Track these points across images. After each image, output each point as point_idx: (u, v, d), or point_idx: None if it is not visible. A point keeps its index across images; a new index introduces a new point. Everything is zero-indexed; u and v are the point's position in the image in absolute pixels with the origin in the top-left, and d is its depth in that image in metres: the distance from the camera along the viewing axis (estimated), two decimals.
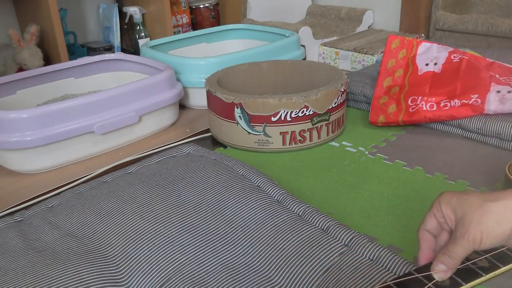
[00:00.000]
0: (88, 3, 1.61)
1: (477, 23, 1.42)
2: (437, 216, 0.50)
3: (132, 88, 0.95)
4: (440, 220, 0.50)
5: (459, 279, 0.46)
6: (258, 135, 0.89)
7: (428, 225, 0.51)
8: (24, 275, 0.55)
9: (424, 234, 0.51)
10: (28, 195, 0.81)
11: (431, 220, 0.51)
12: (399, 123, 0.96)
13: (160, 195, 0.69)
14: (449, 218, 0.49)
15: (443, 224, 0.50)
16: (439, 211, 0.50)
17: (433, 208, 0.51)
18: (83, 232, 0.64)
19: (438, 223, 0.51)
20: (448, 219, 0.49)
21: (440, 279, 0.46)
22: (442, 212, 0.50)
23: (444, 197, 0.50)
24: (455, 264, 0.46)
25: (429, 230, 0.51)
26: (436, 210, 0.50)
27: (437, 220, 0.51)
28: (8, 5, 1.41)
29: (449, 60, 0.95)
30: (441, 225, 0.51)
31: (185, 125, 1.08)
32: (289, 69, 1.09)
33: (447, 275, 0.46)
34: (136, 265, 0.56)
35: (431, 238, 0.51)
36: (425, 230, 0.51)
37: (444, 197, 0.50)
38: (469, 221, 0.47)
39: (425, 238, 0.51)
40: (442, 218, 0.50)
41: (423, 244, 0.51)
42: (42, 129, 0.84)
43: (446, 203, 0.49)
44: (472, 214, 0.47)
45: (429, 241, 0.51)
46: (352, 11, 1.68)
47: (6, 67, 1.33)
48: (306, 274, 0.53)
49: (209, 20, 1.76)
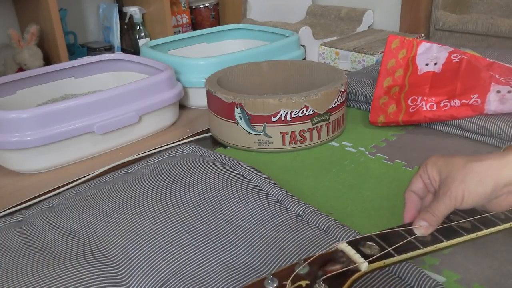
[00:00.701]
0: (88, 3, 1.61)
1: (477, 23, 1.42)
2: (423, 177, 0.51)
3: (132, 88, 0.95)
4: (426, 181, 0.51)
5: (440, 236, 0.47)
6: (258, 135, 0.89)
7: (414, 186, 0.52)
8: (24, 275, 0.55)
9: (410, 195, 0.52)
10: (28, 195, 0.81)
11: (417, 181, 0.52)
12: (399, 123, 0.96)
13: (160, 195, 0.69)
14: (434, 179, 0.50)
15: (429, 185, 0.51)
16: (425, 172, 0.51)
17: (420, 170, 0.52)
18: (83, 232, 0.64)
19: (424, 184, 0.52)
20: (433, 180, 0.50)
21: (421, 235, 0.46)
22: (428, 173, 0.51)
23: (430, 159, 0.51)
24: (436, 221, 0.47)
25: (415, 191, 0.52)
26: (423, 171, 0.51)
27: (423, 182, 0.52)
28: (8, 5, 1.41)
29: (449, 60, 0.95)
30: (427, 186, 0.52)
31: (185, 125, 1.08)
32: (289, 69, 1.09)
33: (428, 232, 0.47)
34: (136, 265, 0.56)
35: (417, 199, 0.52)
36: (411, 191, 0.52)
37: (430, 159, 0.51)
38: (452, 180, 0.48)
39: (411, 199, 0.52)
40: (428, 179, 0.51)
41: (409, 204, 0.52)
42: (42, 129, 0.84)
43: (432, 165, 0.50)
44: (456, 173, 0.48)
45: (414, 202, 0.52)
46: (352, 11, 1.68)
47: (6, 67, 1.33)
48: None
49: (209, 20, 1.76)
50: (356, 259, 0.41)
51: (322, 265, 0.40)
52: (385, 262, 0.43)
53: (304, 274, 0.39)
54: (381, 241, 0.44)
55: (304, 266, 0.39)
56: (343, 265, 0.40)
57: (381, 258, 0.42)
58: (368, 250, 0.43)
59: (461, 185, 0.47)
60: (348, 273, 0.40)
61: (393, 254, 0.43)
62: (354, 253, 0.42)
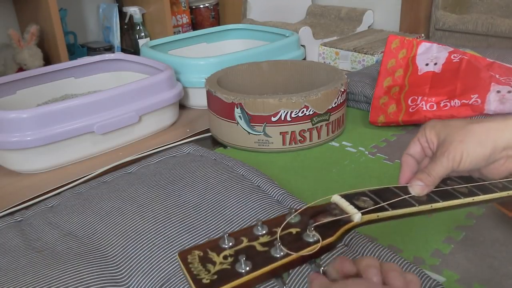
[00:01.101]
0: (88, 3, 1.61)
1: (477, 23, 1.42)
2: (421, 141, 0.51)
3: (132, 88, 0.95)
4: (423, 145, 0.51)
5: (436, 197, 0.46)
6: (258, 135, 0.89)
7: (411, 149, 0.51)
8: (24, 275, 0.55)
9: (407, 158, 0.51)
10: (28, 195, 0.81)
11: (415, 145, 0.51)
12: (399, 123, 0.96)
13: (160, 195, 0.69)
14: (432, 142, 0.49)
15: (426, 149, 0.50)
16: (423, 135, 0.50)
17: (418, 134, 0.51)
18: (83, 232, 0.64)
19: (422, 148, 0.51)
20: (430, 143, 0.49)
21: (416, 194, 0.45)
22: (426, 136, 0.50)
23: (429, 122, 0.50)
24: (432, 181, 0.46)
25: (412, 154, 0.51)
26: (421, 135, 0.51)
27: (420, 145, 0.51)
28: (8, 5, 1.41)
29: (449, 60, 0.95)
30: (424, 150, 0.51)
31: (185, 125, 1.08)
32: (289, 69, 1.09)
33: (423, 192, 0.45)
34: (136, 265, 0.56)
35: (413, 162, 0.51)
36: (408, 155, 0.51)
37: (429, 122, 0.50)
38: (450, 141, 0.47)
39: (407, 162, 0.51)
40: (426, 142, 0.50)
41: (405, 167, 0.51)
42: (42, 129, 0.84)
43: (431, 128, 0.50)
44: (454, 135, 0.47)
45: (410, 165, 0.51)
46: (352, 11, 1.68)
47: (6, 67, 1.33)
48: (306, 274, 0.53)
49: (209, 20, 1.76)
50: (349, 210, 0.41)
51: (313, 216, 0.40)
52: (379, 215, 0.42)
53: (295, 222, 0.39)
54: (375, 197, 0.43)
55: (295, 216, 0.39)
56: (335, 216, 0.40)
57: (375, 211, 0.42)
58: (362, 204, 0.42)
59: (459, 146, 0.46)
60: (340, 223, 0.39)
61: (387, 208, 0.42)
62: (347, 205, 0.41)
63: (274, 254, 0.35)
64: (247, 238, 0.37)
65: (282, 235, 0.37)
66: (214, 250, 0.36)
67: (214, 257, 0.35)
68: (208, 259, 0.35)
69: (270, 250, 0.36)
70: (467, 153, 0.46)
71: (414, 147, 0.51)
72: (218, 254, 0.35)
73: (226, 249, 0.36)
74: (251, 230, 0.38)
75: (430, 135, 0.49)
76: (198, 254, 0.36)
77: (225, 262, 0.35)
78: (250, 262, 0.34)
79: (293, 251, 0.35)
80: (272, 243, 0.37)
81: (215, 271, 0.34)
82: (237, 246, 0.36)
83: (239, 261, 0.34)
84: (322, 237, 0.37)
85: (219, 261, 0.35)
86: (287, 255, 0.35)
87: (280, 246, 0.35)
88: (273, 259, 0.35)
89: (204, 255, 0.35)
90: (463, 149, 0.46)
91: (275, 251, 0.35)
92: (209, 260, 0.35)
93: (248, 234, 0.38)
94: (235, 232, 0.38)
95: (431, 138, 0.49)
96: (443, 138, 0.48)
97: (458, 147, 0.46)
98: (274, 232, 0.38)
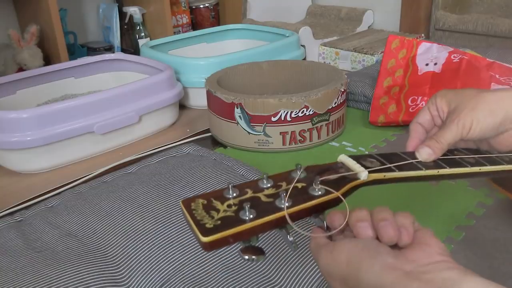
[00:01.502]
0: (88, 3, 1.61)
1: (477, 23, 1.42)
2: (431, 109, 0.50)
3: (132, 88, 0.95)
4: (433, 113, 0.50)
5: (443, 164, 0.45)
6: (258, 135, 0.89)
7: (420, 118, 0.51)
8: (24, 275, 0.55)
9: (416, 126, 0.51)
10: (28, 195, 0.81)
11: (425, 113, 0.51)
12: (399, 123, 0.96)
13: (160, 195, 0.69)
14: (442, 110, 0.49)
15: (436, 118, 0.50)
16: (434, 103, 0.50)
17: (429, 103, 0.50)
18: (83, 232, 0.64)
19: (431, 117, 0.50)
20: (441, 112, 0.49)
21: (423, 160, 0.45)
22: (436, 104, 0.49)
23: (440, 92, 0.50)
24: (440, 148, 0.45)
25: (421, 123, 0.51)
26: (431, 103, 0.50)
27: (430, 114, 0.50)
28: (8, 5, 1.41)
29: (449, 60, 0.95)
30: (434, 119, 0.50)
31: (185, 125, 1.08)
32: (289, 69, 1.09)
33: (431, 158, 0.45)
34: (136, 265, 0.56)
35: (422, 131, 0.51)
36: (417, 123, 0.51)
37: (440, 92, 0.50)
38: (461, 108, 0.46)
39: (416, 130, 0.51)
40: (436, 111, 0.50)
41: (413, 134, 0.50)
42: (42, 129, 0.84)
43: (442, 96, 0.49)
44: (466, 102, 0.46)
45: (419, 133, 0.50)
46: (352, 11, 1.68)
47: (6, 67, 1.33)
48: (306, 274, 0.53)
49: (209, 20, 1.76)
50: (355, 168, 0.40)
51: (319, 173, 0.40)
52: (386, 175, 0.42)
53: (301, 178, 0.39)
54: (383, 159, 0.43)
55: (301, 172, 0.39)
56: (342, 173, 0.40)
57: (382, 171, 0.41)
58: (368, 164, 0.42)
59: (470, 113, 0.45)
60: (346, 180, 0.39)
61: (394, 169, 0.42)
62: (354, 163, 0.41)
63: (278, 205, 0.35)
64: (252, 190, 0.37)
65: (287, 188, 0.37)
66: (218, 199, 0.36)
67: (218, 205, 0.35)
68: (212, 207, 0.35)
69: (275, 201, 0.36)
70: (477, 120, 0.45)
71: (423, 115, 0.51)
72: (222, 203, 0.35)
73: (230, 199, 0.36)
74: (256, 183, 0.38)
75: (440, 103, 0.49)
76: (202, 202, 0.36)
77: (229, 210, 0.35)
78: (254, 211, 0.34)
79: (298, 203, 0.35)
80: (277, 194, 0.36)
81: (218, 217, 0.34)
82: (241, 196, 0.36)
83: (244, 209, 0.34)
84: (328, 191, 0.37)
85: (223, 209, 0.35)
86: (292, 206, 0.35)
87: (285, 197, 0.35)
88: (278, 209, 0.35)
89: (208, 203, 0.35)
90: (473, 117, 0.45)
91: (279, 202, 0.35)
92: (213, 208, 0.35)
93: (253, 186, 0.38)
94: (239, 184, 0.38)
95: (441, 106, 0.49)
96: (454, 106, 0.47)
97: (468, 114, 0.45)
98: (279, 186, 0.38)
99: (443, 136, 0.45)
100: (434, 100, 0.50)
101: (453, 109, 0.47)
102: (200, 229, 0.33)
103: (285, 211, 0.35)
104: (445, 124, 0.47)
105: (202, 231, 0.32)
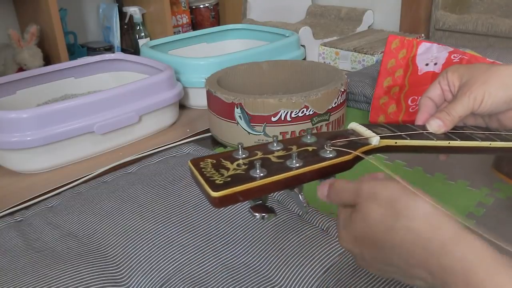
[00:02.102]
0: (88, 3, 1.61)
1: (477, 23, 1.42)
2: (441, 83, 0.50)
3: (132, 88, 0.95)
4: (444, 88, 0.50)
5: (454, 136, 0.45)
6: (258, 135, 0.89)
7: (431, 92, 0.50)
8: (24, 275, 0.55)
9: (426, 101, 0.50)
10: (28, 195, 0.81)
11: (435, 87, 0.50)
12: (399, 123, 0.96)
13: (160, 195, 0.69)
14: (453, 85, 0.48)
15: (446, 92, 0.50)
16: (445, 78, 0.49)
17: (439, 77, 0.50)
18: (83, 232, 0.64)
19: (442, 91, 0.50)
20: (452, 86, 0.48)
21: (433, 131, 0.45)
22: (448, 79, 0.49)
23: (451, 66, 0.49)
24: (451, 120, 0.45)
25: (431, 97, 0.50)
26: (442, 78, 0.50)
27: (441, 88, 0.50)
28: (8, 5, 1.41)
29: (449, 60, 0.95)
30: (444, 93, 0.50)
31: (185, 125, 1.08)
32: (289, 69, 1.09)
33: (441, 130, 0.45)
34: (136, 265, 0.56)
35: (432, 105, 0.50)
36: (428, 97, 0.50)
37: (451, 66, 0.49)
38: (473, 81, 0.46)
39: (426, 104, 0.50)
40: (447, 85, 0.49)
41: (423, 109, 0.50)
42: (42, 129, 0.84)
43: (453, 71, 0.49)
44: (478, 76, 0.46)
45: (429, 107, 0.50)
46: (352, 11, 1.68)
47: (6, 67, 1.33)
48: (306, 274, 0.53)
49: (209, 20, 1.76)
50: (367, 134, 0.40)
51: (330, 138, 0.39)
52: (397, 142, 0.41)
53: (311, 142, 0.39)
54: (394, 129, 0.43)
55: (311, 136, 0.39)
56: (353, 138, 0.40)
57: (393, 137, 0.41)
58: (380, 131, 0.42)
59: (482, 86, 0.45)
60: (357, 144, 0.39)
61: (406, 137, 0.42)
62: (365, 130, 0.41)
63: (289, 165, 0.35)
64: (262, 152, 0.37)
65: (298, 151, 0.37)
66: (227, 159, 0.36)
67: (228, 164, 0.35)
68: (222, 165, 0.35)
69: (285, 162, 0.36)
70: (489, 93, 0.45)
71: (434, 90, 0.50)
72: (232, 162, 0.35)
73: (240, 159, 0.36)
74: (266, 146, 0.38)
75: (452, 77, 0.48)
76: (211, 162, 0.35)
77: (239, 169, 0.34)
78: (265, 170, 0.34)
79: (309, 164, 0.35)
80: (288, 156, 0.36)
81: (228, 175, 0.34)
82: (251, 157, 0.36)
83: (254, 167, 0.34)
84: (339, 154, 0.37)
85: (233, 168, 0.35)
86: (302, 166, 0.35)
87: (296, 158, 0.35)
88: (288, 168, 0.35)
89: (218, 162, 0.35)
90: (485, 90, 0.45)
91: (290, 162, 0.35)
92: (223, 167, 0.35)
93: (263, 148, 0.38)
94: (249, 147, 0.37)
95: (453, 80, 0.48)
96: (466, 79, 0.47)
97: (480, 87, 0.45)
98: (289, 148, 0.38)
99: (454, 109, 0.45)
100: (445, 74, 0.49)
101: (465, 83, 0.47)
102: (210, 184, 0.33)
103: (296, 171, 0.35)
104: (456, 97, 0.46)
105: (212, 186, 0.32)
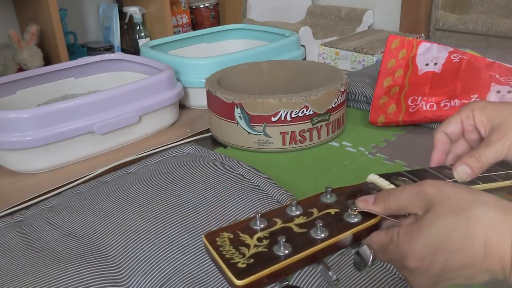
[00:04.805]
0: (88, 3, 1.61)
1: (477, 23, 1.42)
2: (464, 122, 0.46)
3: (132, 88, 0.95)
4: (466, 127, 0.46)
5: (477, 180, 0.42)
6: (258, 135, 0.89)
7: (450, 128, 0.47)
8: (24, 275, 0.55)
9: (442, 136, 0.47)
10: (28, 195, 0.81)
11: (456, 124, 0.47)
12: (399, 123, 0.96)
13: (160, 195, 0.69)
14: (483, 125, 0.45)
15: (469, 132, 0.46)
16: (470, 118, 0.46)
17: (462, 114, 0.46)
18: (83, 232, 0.64)
19: (462, 129, 0.47)
20: (481, 126, 0.45)
21: (460, 180, 0.41)
22: (475, 118, 0.45)
23: (477, 104, 0.46)
24: (480, 168, 0.42)
25: (448, 133, 0.47)
26: (466, 116, 0.46)
27: (462, 126, 0.46)
28: (8, 5, 1.41)
29: (449, 60, 0.95)
30: (465, 132, 0.47)
31: (185, 125, 1.08)
32: (289, 69, 1.09)
33: (469, 179, 0.41)
34: (136, 265, 0.56)
35: (448, 142, 0.47)
36: (444, 133, 0.47)
37: (477, 104, 0.46)
38: (509, 127, 0.42)
39: (442, 140, 0.47)
40: (472, 125, 0.46)
41: (439, 146, 0.47)
42: (42, 129, 0.84)
43: (481, 110, 0.45)
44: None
45: (445, 144, 0.47)
46: (352, 11, 1.68)
47: (6, 67, 1.33)
48: (306, 274, 0.53)
49: (209, 20, 1.76)
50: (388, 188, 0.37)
51: (351, 196, 0.37)
52: None
53: (332, 203, 0.36)
54: (414, 177, 0.40)
55: (331, 196, 0.36)
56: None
57: None
58: (401, 183, 0.38)
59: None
60: None
61: None
62: (387, 184, 0.38)
63: (314, 236, 0.32)
64: (281, 219, 0.34)
65: (320, 215, 0.34)
66: (245, 232, 0.32)
67: (247, 239, 0.32)
68: (241, 241, 0.31)
69: (309, 232, 0.32)
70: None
71: (454, 126, 0.47)
72: (251, 236, 0.32)
73: (259, 231, 0.32)
74: (284, 211, 0.35)
75: (481, 117, 0.45)
76: (228, 236, 0.32)
77: (261, 245, 0.31)
78: (289, 245, 0.31)
79: (336, 233, 0.32)
80: (311, 223, 0.33)
81: (250, 254, 0.30)
82: (271, 228, 0.33)
83: (278, 243, 0.30)
84: (365, 217, 0.34)
85: (254, 244, 0.31)
86: (329, 237, 0.32)
87: (321, 227, 0.32)
88: (314, 241, 0.32)
89: (235, 237, 0.32)
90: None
91: (315, 233, 0.32)
92: (242, 243, 0.31)
93: (282, 214, 0.34)
94: (267, 213, 0.34)
95: (482, 121, 0.45)
96: (498, 122, 0.43)
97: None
98: (310, 213, 0.34)
99: (486, 156, 0.42)
100: (470, 112, 0.46)
101: (498, 126, 0.43)
102: (232, 269, 0.29)
103: (324, 243, 0.31)
104: (490, 141, 0.42)
105: (235, 272, 0.29)
